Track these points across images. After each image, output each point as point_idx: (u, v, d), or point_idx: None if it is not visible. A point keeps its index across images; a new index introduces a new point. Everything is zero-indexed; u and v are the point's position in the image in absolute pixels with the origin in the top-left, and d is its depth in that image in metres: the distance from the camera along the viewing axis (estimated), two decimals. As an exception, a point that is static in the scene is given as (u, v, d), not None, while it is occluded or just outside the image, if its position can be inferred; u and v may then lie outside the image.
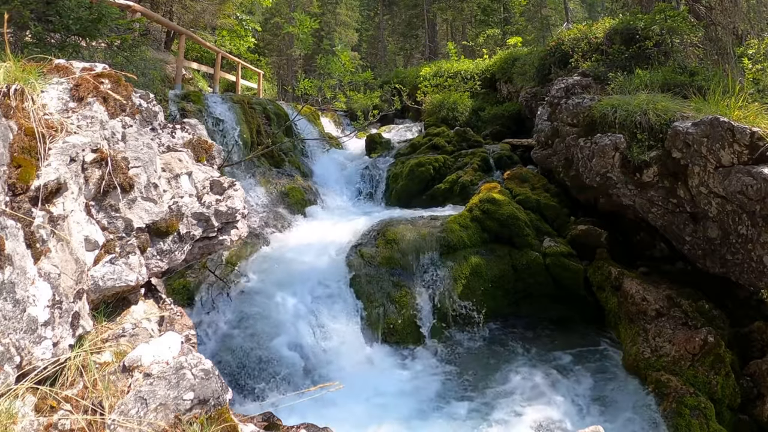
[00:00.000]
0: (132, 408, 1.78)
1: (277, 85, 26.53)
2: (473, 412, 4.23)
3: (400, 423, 4.05)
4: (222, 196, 3.17)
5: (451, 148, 9.23)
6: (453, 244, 6.03)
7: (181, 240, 2.87)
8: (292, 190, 7.92)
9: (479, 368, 4.94)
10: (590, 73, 7.21)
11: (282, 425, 2.99)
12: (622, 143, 5.39)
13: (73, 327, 2.02)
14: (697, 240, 4.86)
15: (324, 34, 26.95)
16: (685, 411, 3.87)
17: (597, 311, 5.62)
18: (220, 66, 11.93)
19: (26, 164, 1.99)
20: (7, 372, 1.69)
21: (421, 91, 13.28)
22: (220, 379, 2.03)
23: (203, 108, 7.91)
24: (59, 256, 2.01)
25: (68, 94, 2.52)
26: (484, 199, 6.57)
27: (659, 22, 7.16)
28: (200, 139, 3.40)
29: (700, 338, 4.33)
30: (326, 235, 6.59)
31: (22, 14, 4.25)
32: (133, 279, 2.40)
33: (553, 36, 12.40)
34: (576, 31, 8.87)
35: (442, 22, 27.33)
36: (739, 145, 4.20)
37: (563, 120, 6.71)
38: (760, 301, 4.72)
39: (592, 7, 27.63)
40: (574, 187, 6.69)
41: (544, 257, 5.98)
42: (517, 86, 11.32)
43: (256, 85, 16.03)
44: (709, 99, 5.11)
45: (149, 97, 3.08)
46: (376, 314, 5.23)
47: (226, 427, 1.94)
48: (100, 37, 5.11)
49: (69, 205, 2.14)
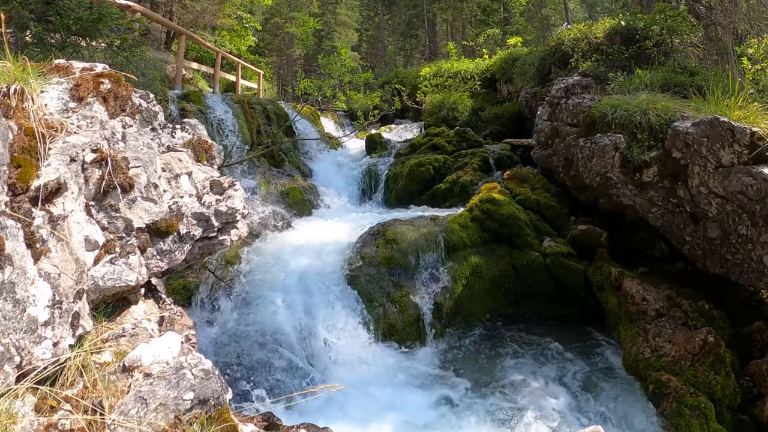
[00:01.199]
0: (132, 408, 1.78)
1: (277, 85, 26.54)
2: (473, 412, 4.23)
3: (400, 423, 4.05)
4: (222, 196, 3.17)
5: (451, 148, 9.23)
6: (453, 244, 6.03)
7: (181, 240, 2.87)
8: (292, 190, 7.92)
9: (479, 368, 4.94)
10: (590, 73, 7.21)
11: (282, 425, 2.99)
12: (622, 143, 5.39)
13: (73, 327, 2.02)
14: (697, 240, 4.86)
15: (324, 34, 26.94)
16: (685, 411, 3.87)
17: (597, 311, 5.62)
18: (220, 66, 11.94)
19: (26, 164, 1.99)
20: (7, 372, 1.69)
21: (421, 91, 13.28)
22: (220, 379, 2.03)
23: (203, 108, 7.91)
24: (59, 256, 2.01)
25: (68, 94, 2.52)
26: (484, 199, 6.57)
27: (659, 22, 7.15)
28: (200, 139, 3.40)
29: (700, 338, 4.33)
30: (326, 235, 6.59)
31: (21, 14, 4.25)
32: (133, 279, 2.40)
33: (553, 36, 12.38)
34: (576, 31, 8.86)
35: (442, 22, 27.33)
36: (739, 145, 4.20)
37: (563, 120, 6.71)
38: (760, 301, 4.72)
39: (592, 7, 27.64)
40: (574, 187, 6.69)
41: (544, 257, 5.98)
42: (517, 86, 11.31)
43: (256, 85, 16.03)
44: (709, 99, 5.10)
45: (149, 97, 3.08)
46: (376, 314, 5.23)
47: (226, 427, 1.94)
48: (101, 37, 5.10)
49: (69, 205, 2.14)
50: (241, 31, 16.67)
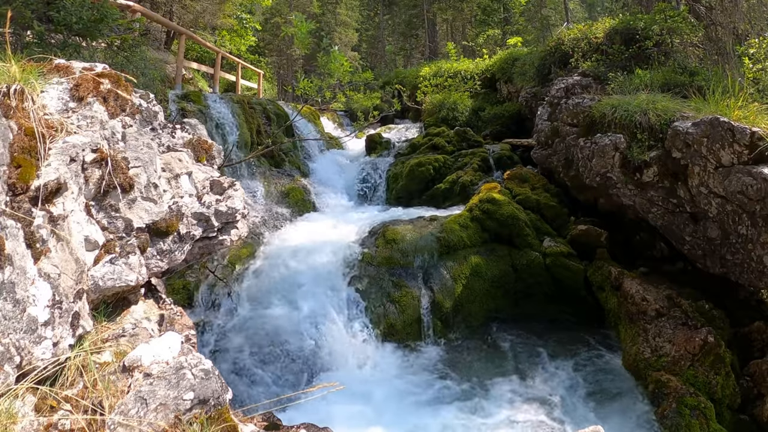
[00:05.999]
0: (132, 408, 1.78)
1: (277, 85, 26.52)
2: (473, 411, 4.23)
3: (401, 423, 4.05)
4: (222, 196, 3.17)
5: (451, 148, 9.23)
6: (453, 244, 6.03)
7: (181, 240, 2.88)
8: (292, 190, 7.92)
9: (479, 367, 4.94)
10: (590, 73, 7.21)
11: (282, 425, 3.00)
12: (622, 143, 5.39)
13: (73, 327, 2.02)
14: (697, 240, 4.86)
15: (324, 34, 26.93)
16: (685, 411, 3.87)
17: (597, 311, 5.62)
18: (220, 66, 11.94)
19: (26, 164, 1.99)
20: (7, 372, 1.69)
21: (421, 91, 13.27)
22: (220, 379, 2.03)
23: (203, 108, 7.91)
24: (59, 256, 2.01)
25: (68, 94, 2.52)
26: (484, 199, 6.57)
27: (659, 22, 7.15)
28: (200, 139, 3.40)
29: (700, 338, 4.33)
30: (326, 235, 6.59)
31: (23, 14, 4.25)
32: (133, 279, 2.40)
33: (553, 36, 12.38)
34: (576, 31, 8.86)
35: (442, 22, 27.31)
36: (739, 145, 4.20)
37: (563, 120, 6.71)
38: (760, 301, 4.72)
39: (592, 7, 27.60)
40: (574, 187, 6.69)
41: (544, 257, 5.98)
42: (517, 86, 11.31)
43: (256, 85, 16.04)
44: (709, 99, 5.11)
45: (149, 97, 3.08)
46: (376, 314, 5.23)
47: (226, 427, 1.94)
48: (101, 38, 5.11)
49: (69, 205, 2.14)
50: (241, 31, 16.68)
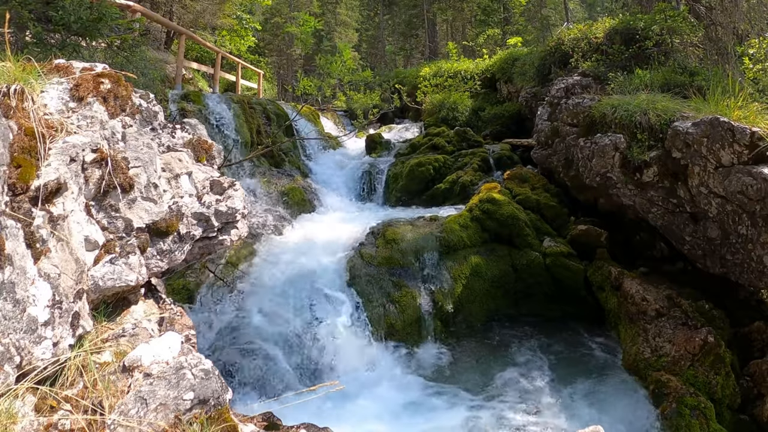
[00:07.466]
0: (132, 408, 1.78)
1: (277, 85, 26.49)
2: (473, 411, 4.23)
3: (401, 422, 4.05)
4: (222, 196, 3.17)
5: (451, 148, 9.23)
6: (453, 244, 6.03)
7: (181, 240, 2.87)
8: (292, 190, 7.91)
9: (478, 367, 4.94)
10: (590, 73, 7.21)
11: (282, 425, 2.99)
12: (622, 143, 5.39)
13: (73, 327, 2.02)
14: (697, 240, 4.86)
15: (324, 34, 26.92)
16: (685, 411, 3.87)
17: (597, 311, 5.62)
18: (220, 66, 11.93)
19: (26, 164, 1.99)
20: (7, 372, 1.69)
21: (421, 91, 13.27)
22: (220, 378, 2.03)
23: (203, 108, 7.91)
24: (59, 256, 2.01)
25: (68, 94, 2.52)
26: (484, 199, 6.57)
27: (659, 22, 7.15)
28: (200, 139, 3.40)
29: (700, 338, 4.33)
30: (326, 235, 6.59)
31: (21, 14, 4.25)
32: (133, 279, 2.40)
33: (553, 36, 12.37)
34: (576, 31, 8.86)
35: (442, 22, 27.31)
36: (739, 145, 4.20)
37: (563, 120, 6.71)
38: (760, 301, 4.72)
39: (592, 7, 27.59)
40: (574, 187, 6.69)
41: (544, 257, 5.98)
42: (517, 86, 11.31)
43: (256, 85, 16.03)
44: (709, 99, 5.10)
45: (149, 97, 3.08)
46: (376, 314, 5.22)
47: (226, 427, 1.94)
48: (101, 37, 5.10)
49: (69, 205, 2.14)
50: (241, 31, 16.68)
